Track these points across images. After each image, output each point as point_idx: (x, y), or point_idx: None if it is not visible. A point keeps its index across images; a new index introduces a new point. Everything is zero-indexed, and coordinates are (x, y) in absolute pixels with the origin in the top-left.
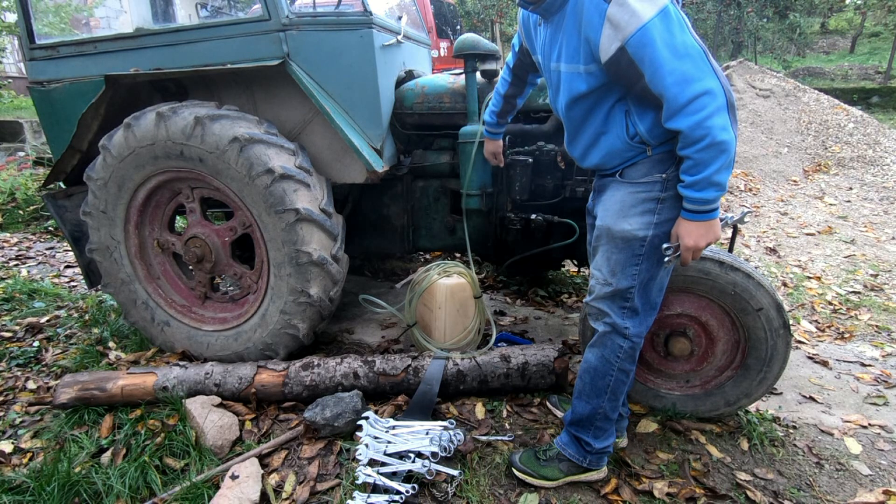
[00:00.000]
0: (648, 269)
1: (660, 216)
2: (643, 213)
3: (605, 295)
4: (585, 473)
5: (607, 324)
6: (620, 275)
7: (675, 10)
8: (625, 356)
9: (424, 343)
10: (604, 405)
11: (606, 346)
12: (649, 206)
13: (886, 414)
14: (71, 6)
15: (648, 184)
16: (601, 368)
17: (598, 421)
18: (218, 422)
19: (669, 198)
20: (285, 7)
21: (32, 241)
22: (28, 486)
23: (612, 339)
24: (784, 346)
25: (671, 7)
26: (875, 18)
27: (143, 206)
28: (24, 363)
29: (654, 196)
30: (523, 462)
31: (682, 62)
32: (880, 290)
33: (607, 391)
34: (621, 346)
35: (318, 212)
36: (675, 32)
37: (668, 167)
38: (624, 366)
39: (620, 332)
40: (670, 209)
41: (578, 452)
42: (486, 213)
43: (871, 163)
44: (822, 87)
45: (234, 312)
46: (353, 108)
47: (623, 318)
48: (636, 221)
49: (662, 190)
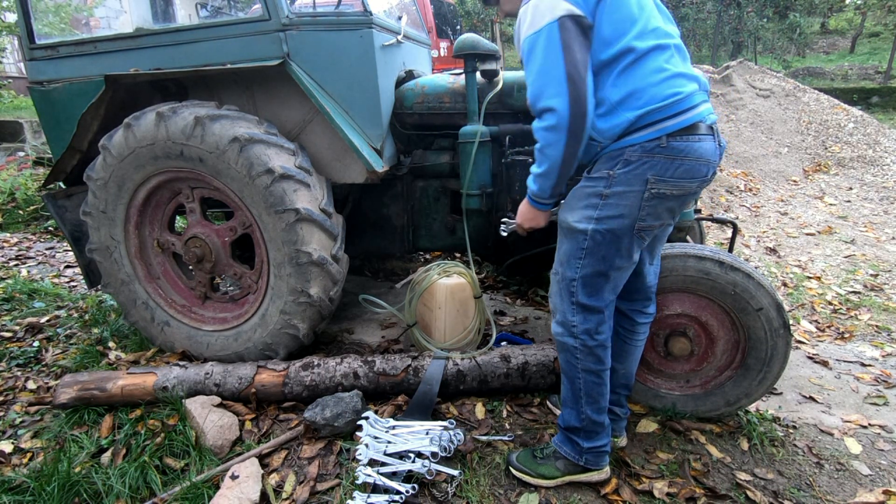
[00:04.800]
0: (593, 264)
1: (601, 212)
2: (586, 206)
3: (555, 284)
4: (586, 473)
5: (558, 322)
6: (567, 265)
7: (556, 29)
8: (584, 356)
9: (424, 343)
10: (585, 409)
11: (565, 348)
12: (593, 200)
13: (886, 414)
14: (71, 6)
15: (596, 179)
16: (569, 372)
17: (585, 424)
18: (218, 422)
19: (613, 195)
20: (285, 7)
21: (32, 241)
22: (28, 486)
23: (565, 339)
24: (784, 346)
25: (552, 26)
26: (875, 18)
27: (143, 206)
28: (24, 363)
29: (597, 191)
30: (520, 461)
31: (540, 77)
32: (880, 290)
33: (581, 395)
34: (574, 346)
35: (318, 212)
36: (546, 49)
37: (614, 164)
38: (587, 366)
39: (569, 331)
40: (614, 206)
41: (574, 450)
42: (486, 213)
43: (871, 163)
44: (822, 87)
45: (234, 312)
46: (353, 108)
47: (572, 314)
48: (578, 214)
49: (606, 186)
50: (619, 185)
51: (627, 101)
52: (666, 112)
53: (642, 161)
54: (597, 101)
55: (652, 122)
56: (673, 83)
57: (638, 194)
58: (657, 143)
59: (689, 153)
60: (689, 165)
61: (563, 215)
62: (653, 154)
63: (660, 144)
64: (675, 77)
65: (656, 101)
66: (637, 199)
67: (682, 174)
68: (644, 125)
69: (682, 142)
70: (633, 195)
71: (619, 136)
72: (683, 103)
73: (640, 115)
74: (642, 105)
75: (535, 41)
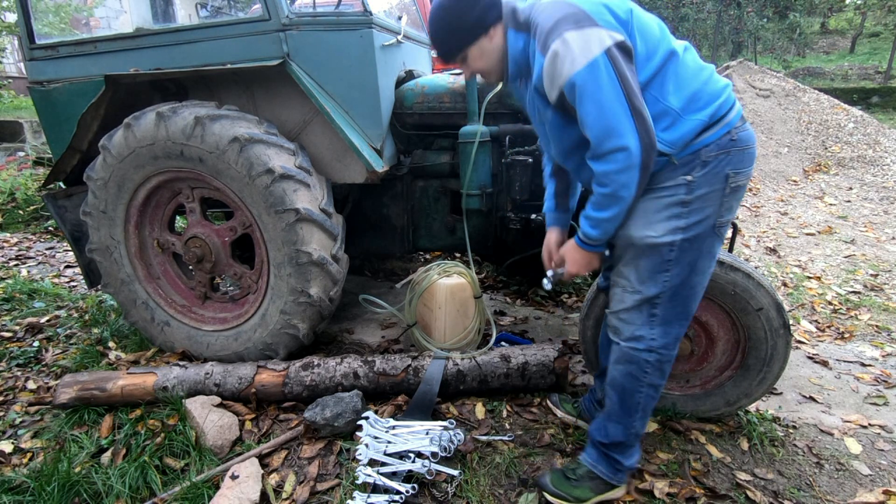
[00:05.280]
0: (679, 274)
1: (688, 219)
2: (668, 218)
3: (633, 304)
4: (612, 491)
5: (631, 338)
6: (650, 282)
7: (607, 61)
8: (653, 371)
9: (424, 343)
10: (636, 423)
11: (632, 361)
12: (675, 210)
13: (886, 414)
14: (71, 6)
15: (672, 188)
16: (629, 387)
17: (630, 439)
18: (218, 422)
19: (696, 199)
20: (285, 7)
21: (32, 241)
22: (28, 486)
23: (638, 354)
24: (784, 346)
25: (602, 59)
26: (875, 18)
27: (143, 206)
28: (24, 363)
29: (678, 199)
30: (555, 485)
31: (603, 116)
32: (880, 290)
33: (638, 409)
34: (647, 360)
35: (318, 212)
36: (603, 85)
37: (692, 169)
38: (653, 381)
39: (646, 345)
40: (699, 210)
41: (610, 470)
42: (486, 213)
43: (871, 163)
44: (822, 87)
45: (234, 312)
46: (353, 108)
47: (651, 328)
48: (661, 227)
49: (688, 192)
50: (702, 187)
51: (691, 104)
52: (727, 104)
53: (719, 158)
54: (660, 114)
55: (720, 117)
56: (716, 76)
57: (720, 192)
58: (728, 136)
59: (750, 140)
60: (750, 152)
61: (639, 233)
62: (728, 149)
63: (731, 138)
64: (712, 70)
65: (717, 96)
66: (719, 196)
67: (748, 162)
68: (714, 122)
69: (743, 131)
70: (715, 194)
71: (692, 140)
72: (733, 94)
73: (711, 113)
74: (707, 103)
75: (587, 79)
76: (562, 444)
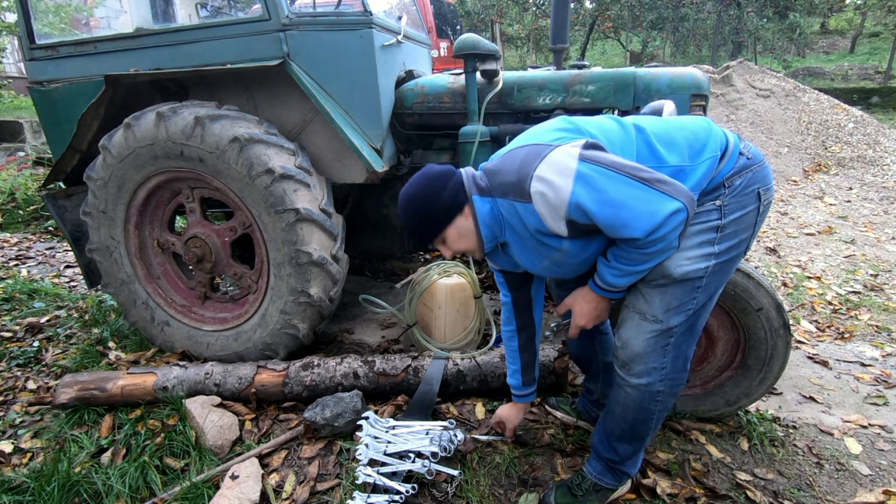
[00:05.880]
0: (703, 300)
1: (721, 245)
2: (701, 244)
3: (651, 334)
4: (615, 491)
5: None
6: (675, 311)
7: (589, 165)
8: (665, 397)
9: (424, 343)
10: (646, 441)
11: (644, 397)
12: (708, 236)
13: (886, 414)
14: (71, 6)
15: (702, 213)
16: (640, 417)
17: (639, 453)
18: (218, 422)
19: (730, 223)
20: (285, 7)
21: (32, 241)
22: (28, 486)
23: (655, 387)
24: (784, 346)
25: (583, 167)
26: (875, 18)
27: (143, 206)
28: (24, 363)
29: (711, 226)
30: (560, 502)
31: (630, 208)
32: (880, 290)
33: (650, 430)
34: (661, 390)
35: (318, 212)
36: (606, 187)
37: (720, 193)
38: (665, 405)
39: (659, 376)
40: (733, 235)
41: (615, 479)
42: None
43: (871, 163)
44: (822, 87)
45: (234, 312)
46: (353, 108)
47: (663, 357)
48: (693, 253)
49: (720, 217)
50: (735, 210)
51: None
52: (720, 132)
53: (744, 178)
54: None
55: (726, 147)
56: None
57: (754, 211)
58: (744, 157)
59: (760, 155)
60: (767, 166)
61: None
62: (749, 168)
63: (746, 157)
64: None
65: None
66: (754, 216)
67: (771, 176)
68: (723, 153)
69: (751, 149)
70: (750, 214)
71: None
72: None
73: (718, 144)
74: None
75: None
76: (562, 445)
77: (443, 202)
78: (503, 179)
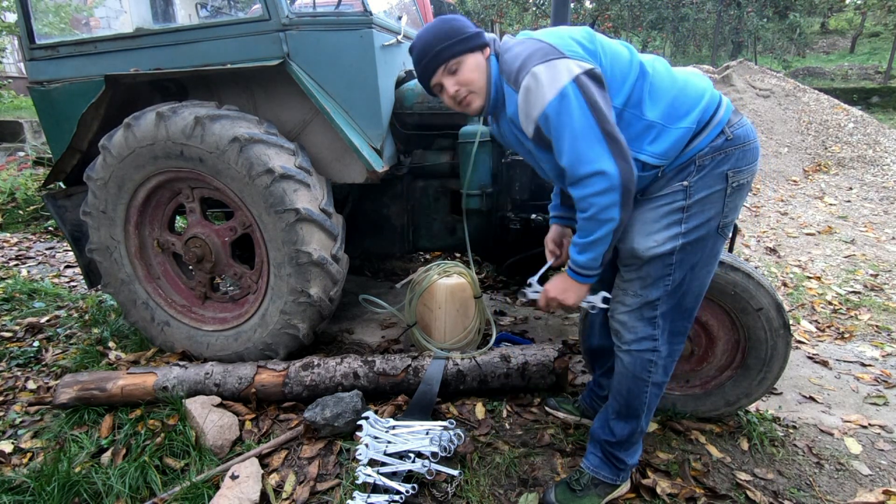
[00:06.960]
0: (681, 276)
1: (687, 224)
2: (667, 226)
3: (635, 306)
4: (616, 490)
5: (636, 339)
6: (652, 287)
7: (576, 90)
8: (657, 370)
9: (424, 343)
10: (643, 421)
11: (636, 363)
12: (674, 217)
13: (886, 414)
14: (71, 6)
15: (668, 195)
16: (634, 389)
17: (635, 437)
18: (218, 422)
19: (696, 203)
20: (285, 7)
21: (32, 241)
22: (28, 486)
23: (641, 355)
24: (784, 346)
25: (571, 87)
26: (875, 18)
27: (143, 206)
28: (24, 363)
29: (677, 206)
30: (561, 500)
31: (576, 144)
32: (880, 290)
33: (644, 408)
34: (651, 360)
35: (318, 212)
36: (574, 114)
37: (686, 175)
38: (658, 379)
39: (650, 346)
40: (699, 214)
41: (612, 472)
42: (486, 213)
43: (871, 163)
44: (822, 87)
45: (234, 312)
46: (353, 108)
47: (653, 328)
48: (660, 236)
49: (685, 198)
50: (700, 190)
51: (672, 113)
52: (713, 104)
53: (716, 160)
54: (643, 129)
55: (709, 119)
56: (694, 79)
57: (721, 192)
58: (723, 136)
59: (748, 136)
60: (751, 149)
61: (641, 244)
62: (724, 149)
63: (726, 137)
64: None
65: (699, 99)
66: (720, 197)
67: (750, 158)
68: (704, 125)
69: (739, 128)
70: (716, 195)
71: (685, 148)
72: (717, 92)
73: (698, 118)
74: (689, 109)
75: (558, 109)
76: (562, 444)
77: (468, 32)
78: (509, 61)
